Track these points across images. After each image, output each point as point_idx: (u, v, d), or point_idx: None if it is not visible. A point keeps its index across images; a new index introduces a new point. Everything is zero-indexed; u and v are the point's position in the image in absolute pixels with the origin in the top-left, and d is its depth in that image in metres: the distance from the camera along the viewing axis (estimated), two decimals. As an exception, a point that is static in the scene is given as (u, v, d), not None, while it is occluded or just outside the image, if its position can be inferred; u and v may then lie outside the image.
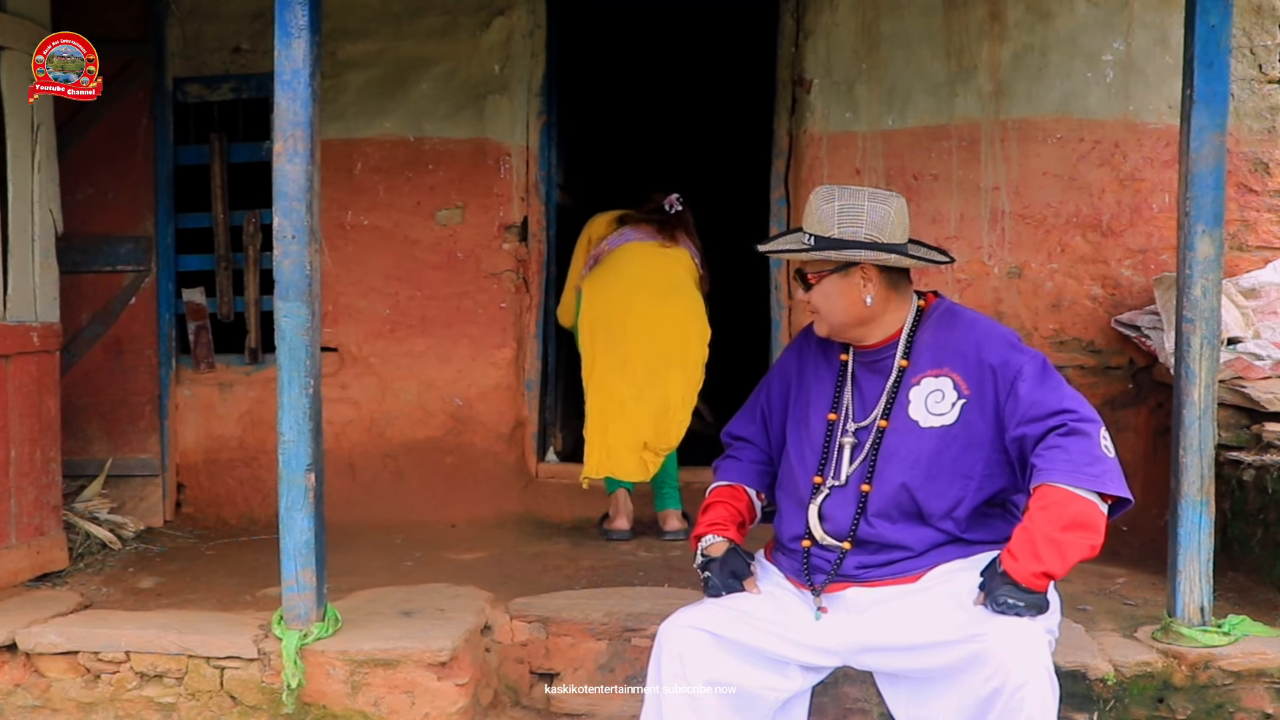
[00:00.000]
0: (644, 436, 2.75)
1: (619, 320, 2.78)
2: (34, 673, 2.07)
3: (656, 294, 2.79)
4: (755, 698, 1.66)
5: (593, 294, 2.85)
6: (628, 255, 2.86)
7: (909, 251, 1.71)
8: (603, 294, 2.83)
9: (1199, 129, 1.96)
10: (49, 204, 2.62)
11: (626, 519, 2.91)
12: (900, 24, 3.08)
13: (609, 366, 2.78)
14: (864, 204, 1.69)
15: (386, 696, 1.97)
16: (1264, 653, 1.95)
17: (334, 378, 3.17)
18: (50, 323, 2.62)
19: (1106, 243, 3.08)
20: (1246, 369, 2.67)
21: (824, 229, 1.69)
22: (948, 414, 1.69)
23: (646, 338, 2.76)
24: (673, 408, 2.76)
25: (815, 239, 1.69)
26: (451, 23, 3.16)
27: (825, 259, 1.70)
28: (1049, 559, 1.56)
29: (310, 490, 1.98)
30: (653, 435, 2.75)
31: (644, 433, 2.75)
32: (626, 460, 2.75)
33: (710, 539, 1.81)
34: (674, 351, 2.77)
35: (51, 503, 2.62)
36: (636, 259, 2.85)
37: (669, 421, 2.76)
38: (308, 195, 1.96)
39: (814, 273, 1.72)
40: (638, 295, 2.79)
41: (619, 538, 2.89)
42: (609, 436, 2.76)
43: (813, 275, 1.72)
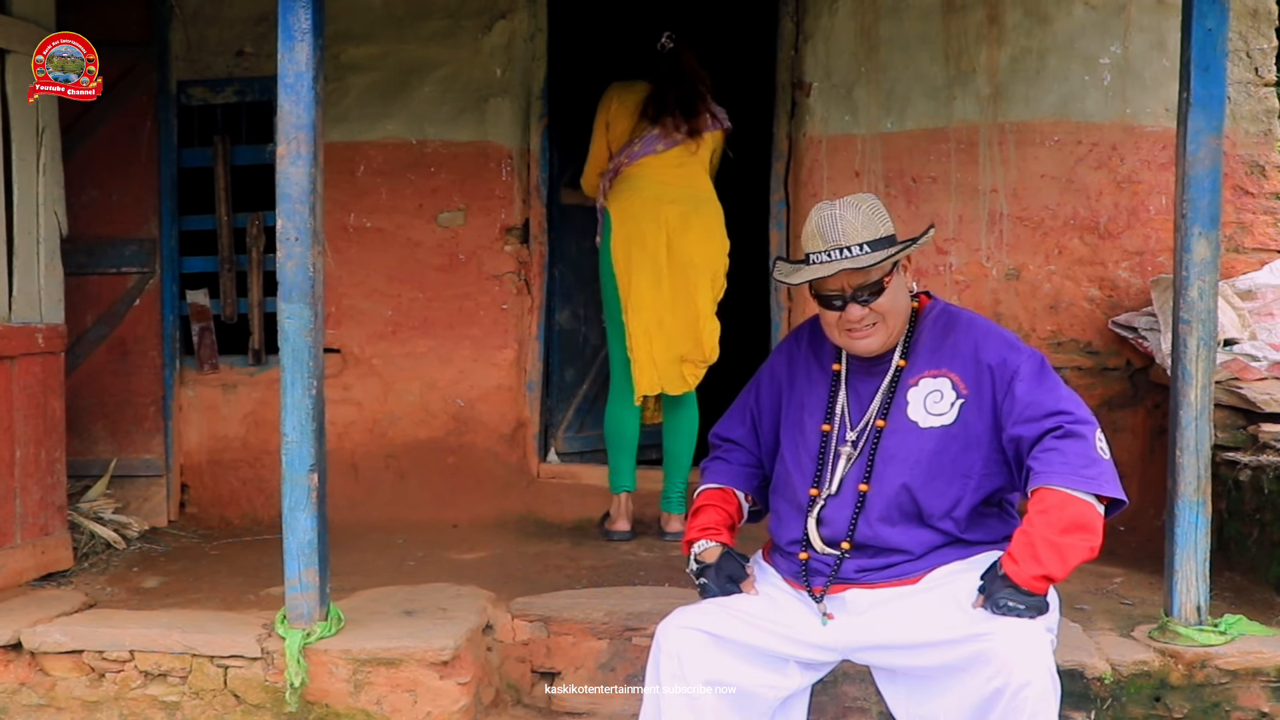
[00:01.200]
0: (682, 350, 2.83)
1: (651, 238, 2.81)
2: (39, 672, 2.08)
3: (681, 208, 2.82)
4: (754, 697, 1.66)
5: (620, 214, 2.86)
6: (650, 170, 2.86)
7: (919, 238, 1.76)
8: (629, 214, 2.85)
9: (1196, 132, 1.97)
10: (54, 206, 2.63)
11: (627, 520, 2.93)
12: (899, 28, 3.09)
13: (645, 284, 2.83)
14: (876, 202, 1.72)
15: (389, 695, 1.98)
16: (1260, 652, 1.97)
17: (337, 379, 3.18)
18: (55, 324, 2.63)
19: (1104, 245, 3.09)
20: (1243, 370, 2.68)
21: (872, 232, 1.67)
22: (947, 414, 1.69)
23: (675, 252, 2.81)
24: (702, 318, 2.83)
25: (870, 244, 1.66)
26: (453, 26, 3.18)
27: (904, 251, 1.68)
28: (1049, 562, 1.57)
29: (313, 490, 1.99)
30: (690, 347, 2.83)
31: (682, 346, 2.83)
32: (670, 374, 2.84)
33: (703, 544, 1.80)
34: (701, 264, 2.82)
35: (56, 503, 2.63)
36: (660, 173, 2.86)
37: (700, 331, 2.83)
38: (310, 197, 1.97)
39: (886, 275, 1.69)
40: (664, 211, 2.82)
41: (619, 538, 2.91)
42: (654, 352, 2.83)
43: (886, 278, 1.69)
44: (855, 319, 1.69)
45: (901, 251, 1.68)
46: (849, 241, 1.67)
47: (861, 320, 1.70)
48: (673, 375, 2.84)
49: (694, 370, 2.86)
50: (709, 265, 2.84)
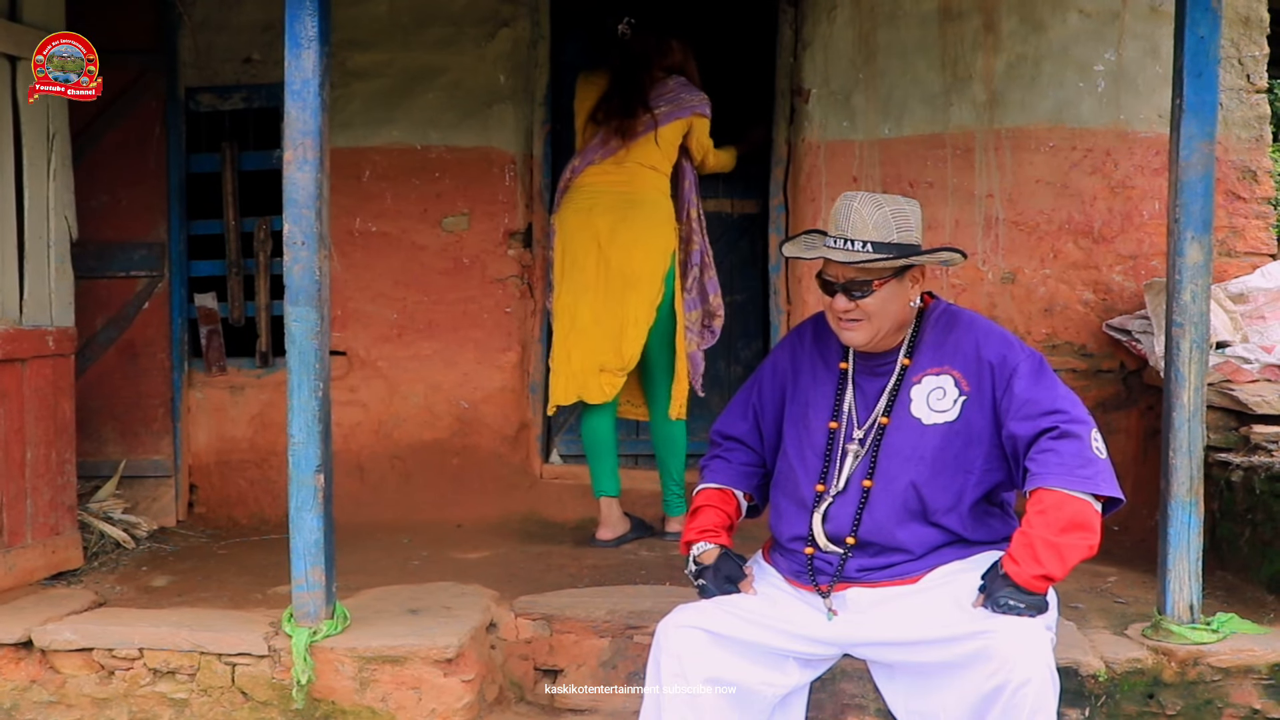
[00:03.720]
0: (602, 359, 2.77)
1: (582, 252, 2.78)
2: (49, 669, 2.09)
3: (611, 218, 2.76)
4: (754, 694, 1.68)
5: (559, 230, 2.86)
6: (590, 179, 2.82)
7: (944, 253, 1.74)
8: (565, 229, 2.83)
9: (1188, 138, 1.98)
10: (64, 211, 2.65)
11: (610, 529, 2.87)
12: (896, 35, 3.11)
13: (571, 293, 2.81)
14: (905, 208, 1.71)
15: (394, 692, 2.00)
16: (1252, 650, 1.98)
17: (343, 381, 3.20)
18: (65, 327, 2.65)
19: (1098, 249, 3.11)
20: (1235, 372, 2.69)
21: (881, 234, 1.67)
22: (950, 410, 1.71)
23: (606, 263, 2.76)
24: (628, 325, 2.76)
25: (873, 245, 1.68)
26: (457, 34, 3.20)
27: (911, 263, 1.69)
28: (1049, 562, 1.59)
29: (319, 491, 2.01)
30: (610, 356, 2.77)
31: (603, 356, 2.77)
32: (589, 383, 2.78)
33: (702, 546, 1.81)
34: (633, 272, 2.75)
35: (67, 503, 2.65)
36: (596, 182, 2.81)
37: (622, 340, 2.77)
38: (317, 202, 1.99)
39: (879, 279, 1.70)
40: (595, 222, 2.77)
41: (600, 545, 2.86)
42: (573, 362, 2.79)
43: (878, 282, 1.70)
44: (840, 309, 1.72)
45: (889, 261, 1.68)
46: (854, 235, 1.68)
47: (847, 312, 1.72)
48: (592, 385, 2.78)
49: (612, 380, 2.78)
50: (643, 271, 2.76)
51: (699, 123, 2.86)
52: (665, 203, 2.84)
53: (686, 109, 2.83)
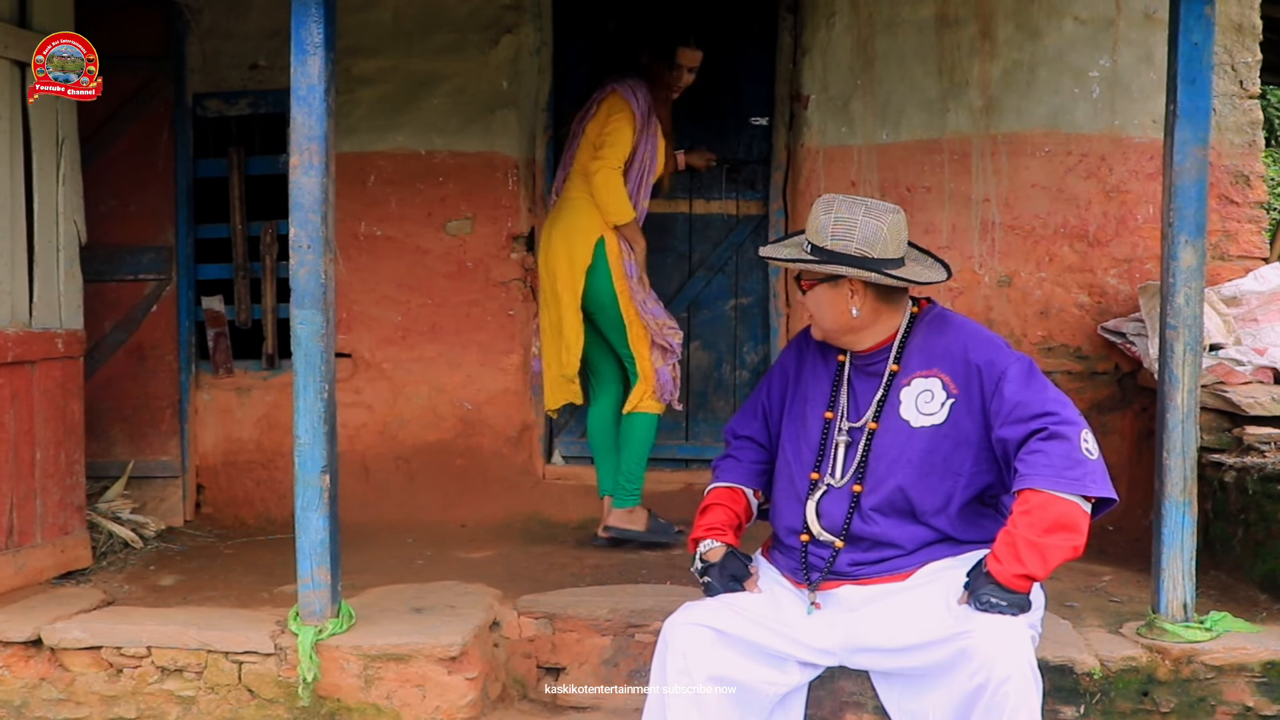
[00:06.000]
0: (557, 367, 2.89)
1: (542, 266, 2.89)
2: (59, 667, 2.11)
3: (550, 227, 2.87)
4: (755, 693, 1.69)
5: None
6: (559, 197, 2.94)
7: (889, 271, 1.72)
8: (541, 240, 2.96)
9: (1182, 143, 1.99)
10: (73, 215, 2.67)
11: None
12: (894, 42, 3.14)
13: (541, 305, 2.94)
14: (859, 218, 1.72)
15: (399, 690, 2.01)
16: (1245, 648, 1.99)
17: (348, 383, 3.23)
18: (74, 329, 2.67)
19: (1093, 252, 3.13)
20: (1228, 374, 2.71)
21: (819, 239, 1.74)
22: (937, 413, 1.72)
23: (545, 271, 2.86)
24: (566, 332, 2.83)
25: (812, 248, 1.74)
26: (461, 40, 3.22)
27: (813, 270, 1.75)
28: (1030, 562, 1.60)
29: (325, 491, 2.03)
30: (560, 363, 2.87)
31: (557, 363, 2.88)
32: (554, 390, 2.91)
33: (708, 544, 1.83)
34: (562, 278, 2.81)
35: (76, 503, 2.66)
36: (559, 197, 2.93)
37: (560, 348, 2.86)
38: (323, 207, 2.00)
39: (807, 280, 1.78)
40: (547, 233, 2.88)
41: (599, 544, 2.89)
42: (552, 371, 2.90)
43: (806, 282, 1.78)
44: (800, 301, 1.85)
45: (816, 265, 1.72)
46: (809, 237, 1.77)
47: (803, 305, 1.84)
48: (564, 392, 2.89)
49: (567, 384, 2.87)
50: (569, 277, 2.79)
51: (609, 104, 2.80)
52: (585, 202, 2.82)
53: (594, 103, 2.85)
